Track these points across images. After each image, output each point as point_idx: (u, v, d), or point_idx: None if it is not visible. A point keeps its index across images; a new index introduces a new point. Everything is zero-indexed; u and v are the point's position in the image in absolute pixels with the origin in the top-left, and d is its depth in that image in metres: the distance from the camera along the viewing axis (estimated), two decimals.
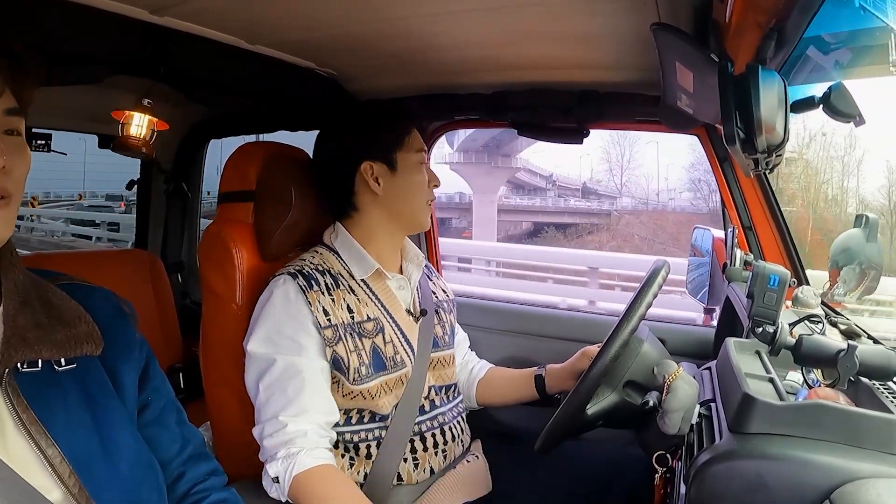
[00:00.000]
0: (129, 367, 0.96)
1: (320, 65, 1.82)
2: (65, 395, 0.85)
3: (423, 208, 1.62)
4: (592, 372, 1.33)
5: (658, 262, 1.42)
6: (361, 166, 1.55)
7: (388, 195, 1.56)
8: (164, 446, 0.99)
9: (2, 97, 0.82)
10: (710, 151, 1.89)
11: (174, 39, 1.47)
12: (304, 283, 1.45)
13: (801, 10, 0.86)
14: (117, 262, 2.68)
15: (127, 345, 0.96)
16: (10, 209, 0.82)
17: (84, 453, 0.83)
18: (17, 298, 0.85)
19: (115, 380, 0.92)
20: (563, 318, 2.26)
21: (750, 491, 0.85)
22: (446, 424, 1.60)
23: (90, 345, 0.88)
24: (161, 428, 0.99)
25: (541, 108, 1.91)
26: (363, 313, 1.50)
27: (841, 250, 1.54)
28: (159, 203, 2.88)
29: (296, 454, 1.38)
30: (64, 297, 0.91)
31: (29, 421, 0.80)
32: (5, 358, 0.80)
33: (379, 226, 1.58)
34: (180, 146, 2.78)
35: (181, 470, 1.01)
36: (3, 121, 0.82)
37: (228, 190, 1.64)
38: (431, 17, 1.38)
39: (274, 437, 1.40)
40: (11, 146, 0.82)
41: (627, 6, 1.23)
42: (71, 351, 0.86)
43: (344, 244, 1.57)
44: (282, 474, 1.37)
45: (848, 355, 0.97)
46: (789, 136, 0.99)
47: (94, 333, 0.90)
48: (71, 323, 0.88)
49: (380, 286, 1.56)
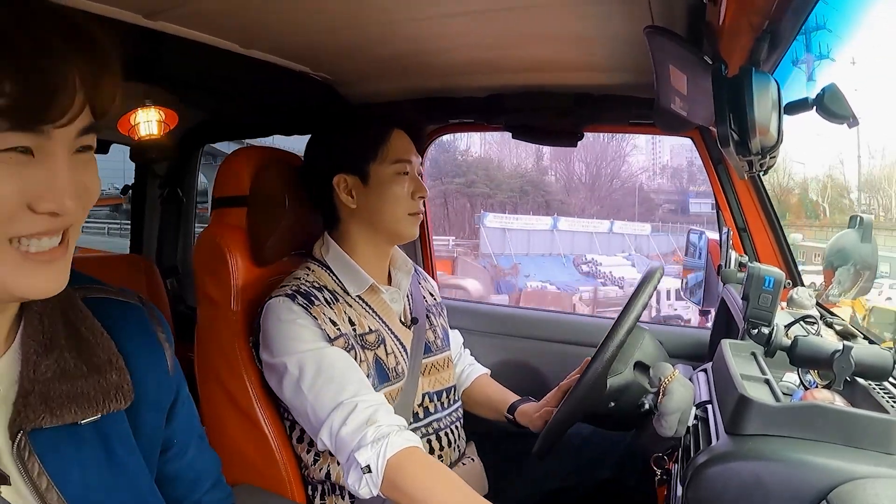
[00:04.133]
0: (156, 411, 0.86)
1: (315, 69, 1.82)
2: (82, 449, 0.75)
3: (404, 220, 1.54)
4: (587, 376, 1.33)
5: (652, 266, 1.42)
6: (334, 179, 1.51)
7: (362, 208, 1.52)
8: (186, 484, 0.94)
9: (80, 112, 0.64)
10: (704, 154, 1.90)
11: (168, 43, 1.46)
12: (305, 301, 1.41)
13: (794, 13, 0.87)
14: (112, 267, 2.67)
15: (156, 385, 0.85)
16: (68, 255, 0.68)
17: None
18: (42, 338, 0.74)
19: (138, 430, 0.82)
20: (557, 321, 2.26)
21: (747, 492, 0.86)
22: (442, 430, 1.59)
23: (119, 400, 0.77)
24: (183, 465, 0.93)
25: (536, 111, 1.91)
26: (364, 325, 1.47)
27: (835, 251, 1.55)
28: (154, 208, 2.88)
29: (387, 435, 1.24)
30: (95, 327, 0.79)
31: (41, 481, 0.71)
32: (21, 418, 0.69)
33: (360, 237, 1.54)
34: (175, 151, 2.77)
35: (196, 500, 0.96)
36: (75, 141, 0.66)
37: (222, 195, 1.63)
38: (426, 20, 1.38)
39: (349, 422, 1.27)
40: (84, 166, 0.68)
41: (621, 9, 1.23)
42: (98, 410, 0.75)
43: (335, 259, 1.53)
44: (374, 461, 1.22)
45: (843, 356, 0.97)
46: (783, 138, 1.00)
47: (124, 385, 0.78)
48: (101, 369, 0.76)
49: (374, 300, 1.53)
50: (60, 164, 0.63)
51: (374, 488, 1.23)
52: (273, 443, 1.47)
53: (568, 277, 22.96)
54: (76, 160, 0.66)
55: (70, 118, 0.63)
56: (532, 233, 25.38)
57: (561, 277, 22.55)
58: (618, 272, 22.57)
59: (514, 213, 28.23)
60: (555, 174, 34.93)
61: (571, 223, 27.12)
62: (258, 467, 1.47)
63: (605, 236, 26.87)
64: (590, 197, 33.64)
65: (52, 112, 0.61)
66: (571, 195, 33.92)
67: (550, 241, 25.61)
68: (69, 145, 0.65)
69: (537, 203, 31.95)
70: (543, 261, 24.30)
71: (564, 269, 23.96)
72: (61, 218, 0.64)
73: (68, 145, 0.64)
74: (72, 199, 0.64)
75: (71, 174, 0.64)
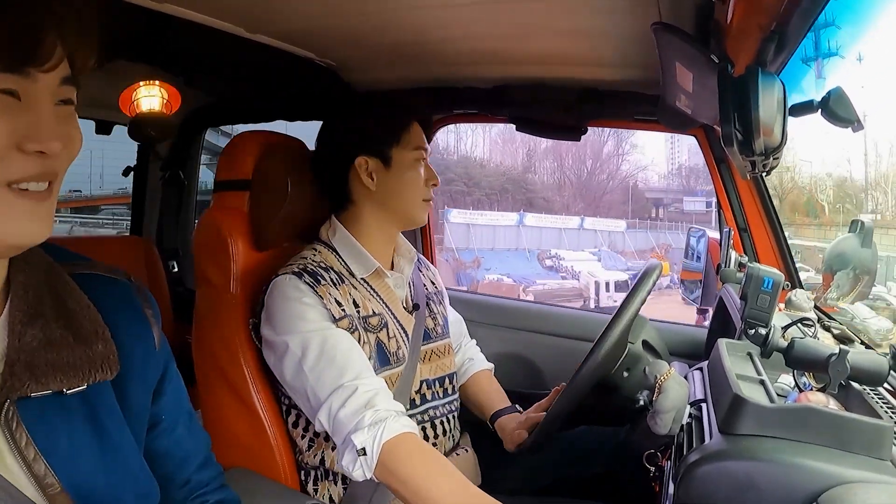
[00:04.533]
0: (143, 385, 0.88)
1: (320, 55, 1.81)
2: (70, 420, 0.77)
3: (419, 206, 1.57)
4: (583, 371, 1.34)
5: (651, 263, 1.42)
6: (356, 160, 1.52)
7: (381, 191, 1.53)
8: (175, 461, 0.95)
9: (61, 61, 0.69)
10: (707, 152, 1.90)
11: (174, 26, 1.46)
12: (311, 280, 1.41)
13: (802, 15, 0.86)
14: (112, 248, 2.68)
15: (143, 360, 0.87)
16: (52, 199, 0.71)
17: (87, 484, 0.77)
18: (28, 308, 0.75)
19: (124, 399, 0.84)
20: (556, 315, 2.27)
21: (738, 492, 0.86)
22: (437, 419, 1.59)
23: (105, 370, 0.79)
24: (172, 442, 0.94)
25: (540, 104, 1.90)
26: (368, 308, 1.48)
27: (835, 255, 1.55)
28: (155, 190, 2.88)
29: (384, 419, 1.25)
30: (82, 299, 0.81)
31: (28, 451, 0.72)
32: (7, 387, 0.71)
33: (372, 220, 1.55)
34: (177, 133, 2.77)
35: (186, 478, 0.97)
36: (57, 90, 0.70)
37: (224, 178, 1.62)
38: (432, 8, 1.38)
39: (348, 404, 1.28)
40: (67, 118, 0.71)
41: (629, 4, 1.23)
42: (83, 379, 0.77)
43: (342, 241, 1.53)
44: (370, 444, 1.23)
45: (839, 360, 0.98)
46: (787, 140, 1.00)
47: (110, 356, 0.80)
48: (87, 340, 0.78)
49: (379, 284, 1.54)
50: (45, 107, 0.68)
51: (368, 471, 1.23)
52: (268, 427, 1.48)
53: (529, 271, 23.44)
54: (59, 111, 0.70)
55: (54, 63, 0.68)
56: (497, 228, 25.62)
57: (523, 271, 23.03)
58: (581, 266, 22.75)
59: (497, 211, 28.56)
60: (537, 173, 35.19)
61: (539, 219, 27.43)
62: (253, 451, 1.48)
63: (574, 232, 27.09)
64: (575, 195, 33.83)
65: (39, 54, 0.66)
66: (555, 193, 34.12)
67: (517, 237, 25.99)
68: (52, 92, 0.69)
69: (518, 201, 32.11)
70: (508, 255, 24.70)
71: (528, 263, 24.31)
72: (49, 161, 0.68)
73: (51, 92, 0.69)
74: (58, 141, 0.68)
75: (56, 121, 0.69)
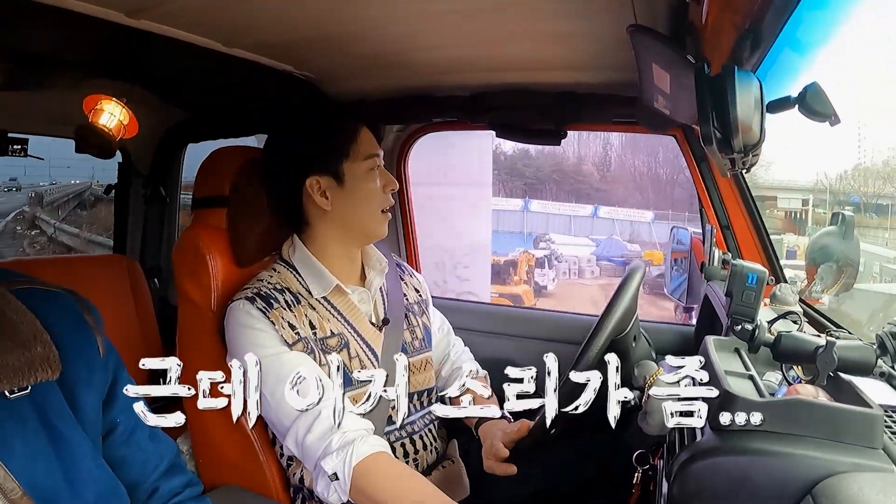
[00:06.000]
0: (91, 390, 0.89)
1: (298, 67, 1.81)
2: (22, 423, 0.78)
3: (377, 219, 1.53)
4: (578, 368, 1.33)
5: (635, 264, 1.43)
6: (307, 182, 1.48)
7: (337, 209, 1.49)
8: (136, 467, 0.95)
9: None
10: (687, 152, 1.91)
11: (150, 42, 1.45)
12: (264, 305, 1.39)
13: (777, 12, 0.87)
14: (96, 267, 2.63)
15: (88, 365, 0.89)
16: None
17: (47, 486, 0.78)
18: None
19: (74, 405, 0.86)
20: (542, 319, 2.27)
21: (732, 487, 0.86)
22: (416, 434, 1.57)
23: (45, 370, 0.81)
24: (132, 448, 0.95)
25: (519, 110, 1.90)
26: (326, 329, 1.45)
27: (818, 248, 1.56)
28: (137, 207, 2.85)
29: (352, 441, 1.25)
30: (20, 308, 0.83)
31: None
32: None
33: (331, 239, 1.52)
34: (157, 150, 2.74)
35: (155, 486, 0.97)
36: None
37: (202, 195, 1.61)
38: (409, 17, 1.38)
39: (314, 429, 1.28)
40: None
41: (604, 7, 1.23)
42: (24, 379, 0.78)
43: (302, 260, 1.51)
44: (340, 468, 1.23)
45: (826, 351, 0.98)
46: (765, 136, 1.01)
47: (50, 356, 0.82)
48: (25, 343, 0.80)
49: (341, 301, 1.51)
50: None
51: (343, 495, 1.24)
52: (256, 445, 1.47)
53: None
54: None
55: None
56: (501, 213, 26.02)
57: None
58: (570, 251, 23.20)
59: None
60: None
61: (544, 205, 27.72)
62: (242, 469, 1.47)
63: (587, 220, 27.30)
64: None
65: None
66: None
67: (521, 221, 26.55)
68: None
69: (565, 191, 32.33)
70: (509, 237, 24.88)
71: (523, 244, 24.56)
72: None
73: None
74: None
75: None
